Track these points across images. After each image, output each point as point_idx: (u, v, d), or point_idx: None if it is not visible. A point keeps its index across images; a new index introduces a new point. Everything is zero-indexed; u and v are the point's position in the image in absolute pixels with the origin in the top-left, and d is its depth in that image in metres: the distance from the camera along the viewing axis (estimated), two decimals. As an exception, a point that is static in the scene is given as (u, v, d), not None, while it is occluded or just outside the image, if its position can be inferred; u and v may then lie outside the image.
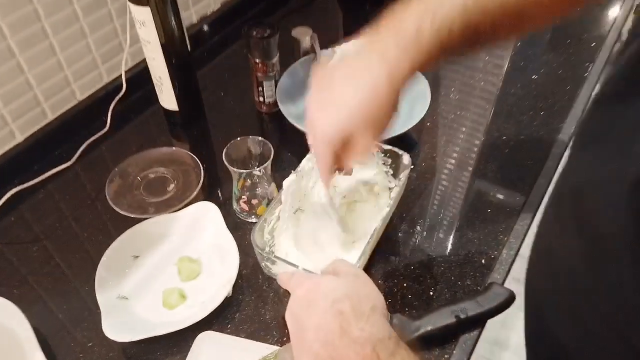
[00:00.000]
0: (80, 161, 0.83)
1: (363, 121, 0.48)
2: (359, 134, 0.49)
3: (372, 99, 0.47)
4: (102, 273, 0.64)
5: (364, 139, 0.50)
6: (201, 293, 0.65)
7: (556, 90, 0.93)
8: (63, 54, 0.82)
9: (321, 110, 0.51)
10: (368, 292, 0.46)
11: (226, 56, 1.05)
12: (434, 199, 0.77)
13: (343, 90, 0.49)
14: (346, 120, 0.48)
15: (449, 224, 0.73)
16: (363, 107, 0.48)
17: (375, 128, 0.50)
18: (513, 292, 0.62)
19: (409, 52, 0.47)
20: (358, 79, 0.48)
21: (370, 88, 0.47)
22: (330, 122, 0.49)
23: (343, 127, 0.49)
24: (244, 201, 0.72)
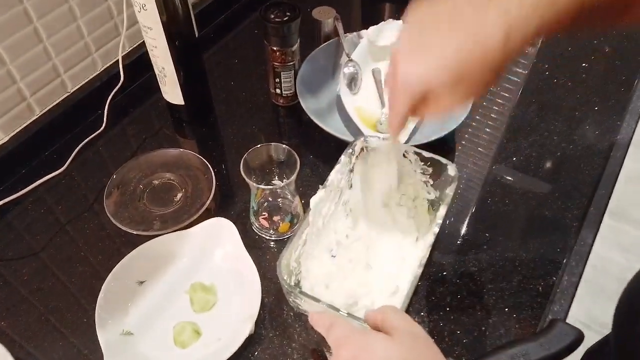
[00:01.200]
0: (74, 165, 0.72)
1: (456, 80, 0.40)
2: (447, 91, 0.41)
3: (475, 59, 0.39)
4: (101, 311, 0.55)
5: (451, 98, 0.42)
6: (218, 328, 0.56)
7: (610, 81, 0.82)
8: (50, 40, 0.71)
9: (411, 53, 0.42)
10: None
11: (235, 37, 0.93)
12: (478, 213, 0.67)
13: (443, 37, 0.40)
14: (437, 73, 0.41)
15: (497, 243, 0.64)
16: (461, 65, 0.39)
17: (468, 91, 0.41)
18: (581, 331, 0.53)
19: (540, 9, 0.37)
20: (465, 26, 0.39)
21: (478, 42, 0.38)
22: (418, 70, 0.41)
23: (431, 80, 0.41)
24: (264, 217, 0.63)
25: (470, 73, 0.40)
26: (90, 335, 0.55)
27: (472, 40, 0.38)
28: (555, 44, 0.89)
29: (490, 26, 0.38)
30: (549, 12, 0.37)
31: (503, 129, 0.77)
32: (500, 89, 0.82)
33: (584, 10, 0.38)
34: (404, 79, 0.43)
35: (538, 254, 0.62)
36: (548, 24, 0.37)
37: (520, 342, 0.53)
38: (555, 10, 0.37)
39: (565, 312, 0.57)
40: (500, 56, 0.38)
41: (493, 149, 0.74)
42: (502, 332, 0.56)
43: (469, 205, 0.68)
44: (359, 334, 0.41)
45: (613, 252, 1.55)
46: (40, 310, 0.59)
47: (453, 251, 0.63)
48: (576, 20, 0.38)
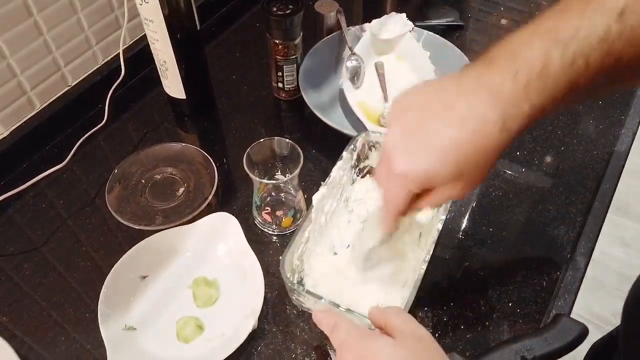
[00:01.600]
0: (75, 160, 0.72)
1: (457, 172, 0.38)
2: (447, 184, 0.40)
3: (475, 149, 0.37)
4: (105, 300, 0.55)
5: (451, 190, 0.40)
6: (221, 323, 0.56)
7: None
8: (50, 33, 0.70)
9: (405, 148, 0.40)
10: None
11: (235, 30, 0.93)
12: (482, 208, 0.67)
13: (437, 129, 0.38)
14: (436, 167, 0.38)
15: (500, 238, 0.64)
16: (461, 156, 0.38)
17: (468, 182, 0.40)
18: (586, 326, 0.53)
19: (532, 92, 0.35)
20: (458, 119, 0.37)
21: (475, 134, 0.37)
22: (416, 164, 0.39)
23: (431, 174, 0.39)
24: (266, 212, 0.63)
25: (471, 164, 0.38)
26: (92, 330, 0.55)
27: (469, 133, 0.37)
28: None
29: (483, 110, 0.36)
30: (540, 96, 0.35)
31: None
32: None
33: (579, 90, 0.36)
34: (402, 174, 0.40)
35: (542, 249, 0.62)
36: (541, 107, 0.36)
37: (525, 337, 0.53)
38: (546, 94, 0.35)
39: (570, 307, 0.57)
40: (498, 143, 0.37)
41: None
42: (505, 327, 0.56)
43: (472, 200, 0.68)
44: (363, 337, 0.41)
45: (613, 247, 1.55)
46: (42, 306, 0.59)
47: (456, 246, 0.63)
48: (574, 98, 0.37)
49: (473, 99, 0.37)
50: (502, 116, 0.36)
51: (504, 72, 0.36)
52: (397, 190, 0.42)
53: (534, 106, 0.36)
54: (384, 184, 0.44)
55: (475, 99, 0.37)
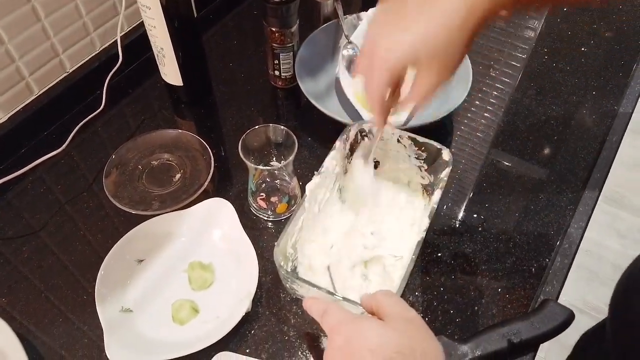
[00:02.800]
0: (73, 145, 0.73)
1: (432, 52, 0.43)
2: (424, 66, 0.44)
3: (445, 31, 0.42)
4: (101, 287, 0.56)
5: (428, 74, 0.44)
6: (215, 306, 0.57)
7: (609, 66, 0.82)
8: (48, 19, 0.70)
9: (386, 33, 0.45)
10: (425, 347, 0.39)
11: (232, 18, 0.93)
12: (475, 196, 0.68)
13: (414, 17, 0.43)
14: (413, 46, 0.43)
15: (492, 224, 0.65)
16: (434, 37, 0.43)
17: (442, 64, 0.44)
18: (572, 311, 0.54)
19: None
20: (432, 6, 0.43)
21: (445, 18, 0.42)
22: (395, 45, 0.44)
23: (408, 52, 0.43)
24: (261, 198, 0.63)
25: (442, 44, 0.43)
26: (90, 312, 0.56)
27: (440, 16, 0.42)
28: (555, 29, 0.88)
29: (453, 3, 0.42)
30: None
31: (501, 113, 0.77)
32: (500, 73, 0.82)
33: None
34: (383, 53, 0.44)
35: (532, 237, 0.63)
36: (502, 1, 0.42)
37: (512, 321, 0.54)
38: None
39: (557, 293, 0.58)
40: (465, 26, 0.42)
41: (490, 132, 0.75)
42: (494, 312, 0.57)
43: (465, 188, 0.68)
44: (353, 320, 0.42)
45: (609, 238, 1.57)
46: (41, 288, 0.60)
47: (448, 233, 0.64)
48: None
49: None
50: (469, 6, 0.42)
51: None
52: (379, 75, 0.45)
53: None
54: (367, 72, 0.47)
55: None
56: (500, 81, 0.81)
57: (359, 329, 0.40)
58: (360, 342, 0.39)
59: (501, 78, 0.81)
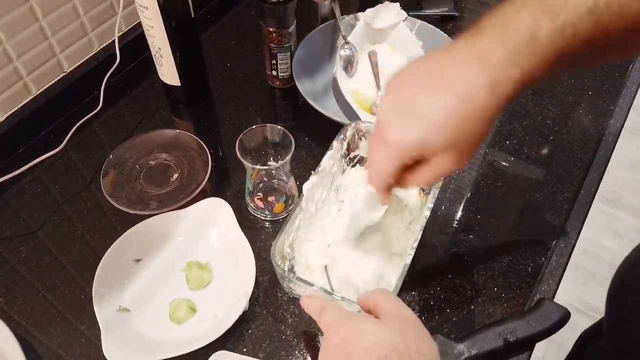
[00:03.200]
0: (71, 144, 0.73)
1: (448, 140, 0.39)
2: (439, 154, 0.40)
3: (465, 115, 0.38)
4: (99, 287, 0.56)
5: (444, 162, 0.40)
6: (213, 305, 0.57)
7: (605, 67, 0.82)
8: (46, 19, 0.71)
9: (399, 117, 0.40)
10: (419, 346, 0.39)
11: (230, 18, 0.93)
12: (471, 195, 0.68)
13: (428, 99, 0.39)
14: (428, 135, 0.39)
15: (488, 225, 0.65)
16: (452, 124, 0.38)
17: (461, 151, 0.40)
18: (568, 310, 0.54)
19: (521, 58, 0.36)
20: (449, 86, 0.38)
21: (465, 101, 0.37)
22: (408, 131, 0.39)
23: (423, 141, 0.39)
24: (259, 198, 0.64)
25: (462, 131, 0.39)
26: (87, 311, 0.56)
27: (459, 99, 0.37)
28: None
29: (473, 77, 0.37)
30: (529, 63, 0.36)
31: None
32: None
33: (566, 59, 0.37)
34: (394, 139, 0.40)
35: (528, 236, 0.63)
36: (530, 74, 0.37)
37: (508, 319, 0.54)
38: (535, 61, 0.36)
39: (553, 292, 0.58)
40: (489, 108, 0.38)
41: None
42: (490, 311, 0.57)
43: (461, 188, 0.69)
44: (349, 318, 0.42)
45: (606, 238, 1.57)
46: (38, 288, 0.60)
47: (445, 232, 0.64)
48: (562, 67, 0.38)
49: (462, 66, 0.38)
50: (491, 81, 0.37)
51: (494, 39, 0.37)
52: (388, 161, 0.42)
53: (523, 72, 0.36)
54: (376, 155, 0.43)
55: (464, 66, 0.38)
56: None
57: (354, 328, 0.41)
58: (355, 340, 0.39)
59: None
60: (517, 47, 0.36)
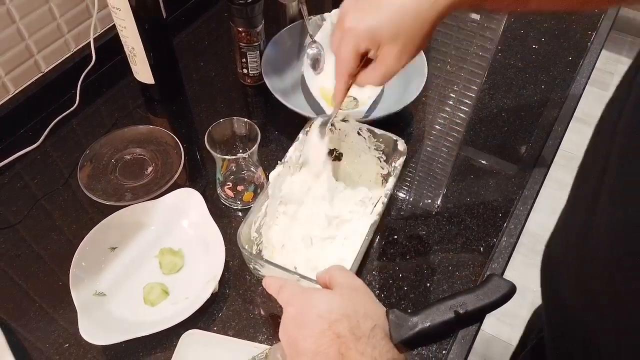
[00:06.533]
0: (49, 141, 0.76)
1: (395, 31, 0.47)
2: (388, 44, 0.48)
3: (412, 9, 0.47)
4: (76, 270, 0.59)
5: (391, 53, 0.48)
6: (185, 288, 0.61)
7: (557, 61, 0.88)
8: (23, 20, 0.74)
9: (357, 9, 0.49)
10: (367, 309, 0.43)
11: (205, 21, 0.97)
12: (430, 182, 0.72)
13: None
14: (380, 23, 0.47)
15: (445, 208, 0.69)
16: (400, 14, 0.47)
17: (405, 43, 0.48)
18: (514, 284, 0.59)
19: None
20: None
21: (412, 4, 0.47)
22: (364, 19, 0.48)
23: (375, 27, 0.48)
24: (228, 187, 0.67)
25: (408, 25, 0.47)
26: (65, 297, 0.59)
27: (409, 2, 0.47)
28: (509, 28, 0.94)
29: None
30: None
31: (457, 107, 0.82)
32: (457, 69, 0.87)
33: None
34: (351, 26, 0.49)
35: (481, 219, 0.68)
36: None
37: (459, 294, 0.58)
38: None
39: (503, 269, 0.63)
40: (431, 11, 0.47)
41: (447, 125, 0.79)
42: (445, 288, 0.62)
43: (422, 176, 0.73)
44: (304, 292, 0.46)
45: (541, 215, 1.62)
46: (18, 275, 0.63)
47: (405, 217, 0.68)
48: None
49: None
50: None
51: None
52: (347, 48, 0.50)
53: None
54: (337, 45, 0.51)
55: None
56: (458, 77, 0.86)
57: (309, 299, 0.44)
58: (310, 309, 0.43)
59: (459, 74, 0.87)
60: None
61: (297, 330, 0.42)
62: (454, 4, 0.47)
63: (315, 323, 0.42)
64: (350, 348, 0.39)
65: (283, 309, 0.46)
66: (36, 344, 0.58)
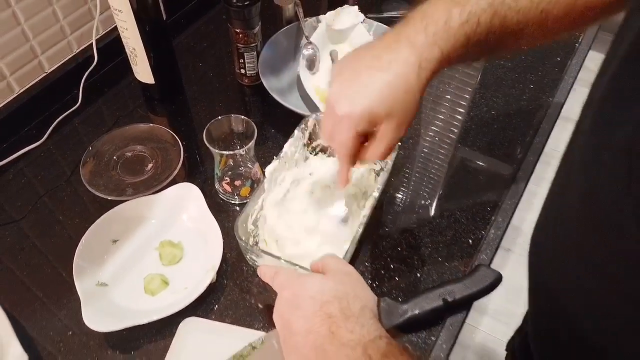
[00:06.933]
0: (52, 139, 0.78)
1: (390, 108, 0.47)
2: (384, 123, 0.48)
3: (400, 86, 0.47)
4: (79, 261, 0.61)
5: (389, 128, 0.48)
6: (184, 278, 0.63)
7: (546, 62, 0.90)
8: (28, 22, 0.76)
9: (346, 95, 0.49)
10: (357, 292, 0.45)
11: (204, 23, 0.99)
12: (420, 177, 0.75)
13: (370, 76, 0.48)
14: (373, 104, 0.47)
15: (435, 203, 0.72)
16: (391, 94, 0.47)
17: (401, 118, 0.48)
18: (500, 273, 0.61)
19: (438, 41, 0.46)
20: (386, 67, 0.47)
21: (399, 75, 0.47)
22: (357, 103, 0.48)
23: (370, 109, 0.47)
24: (226, 182, 0.70)
25: (400, 100, 0.47)
26: (68, 287, 0.62)
27: (394, 74, 0.47)
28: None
29: (404, 57, 0.47)
30: (446, 45, 0.47)
31: (449, 107, 0.84)
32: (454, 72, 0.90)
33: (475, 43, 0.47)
34: (346, 115, 0.48)
35: (471, 213, 0.70)
36: (447, 53, 0.47)
37: (448, 283, 0.61)
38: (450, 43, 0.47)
39: (490, 260, 0.65)
40: (418, 80, 0.47)
41: (440, 124, 0.82)
42: (434, 278, 0.64)
43: (414, 173, 0.76)
44: (298, 277, 0.48)
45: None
46: (23, 267, 0.66)
47: (397, 212, 0.71)
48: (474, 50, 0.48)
49: (396, 48, 0.47)
50: (419, 58, 0.46)
51: (417, 27, 0.47)
52: (344, 133, 0.49)
53: (442, 51, 0.47)
54: (332, 133, 0.50)
55: (397, 49, 0.47)
56: (445, 76, 0.89)
57: (302, 283, 0.47)
58: (303, 292, 0.46)
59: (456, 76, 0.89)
60: (436, 31, 0.46)
61: (290, 311, 0.45)
62: (437, 68, 0.48)
63: (307, 304, 0.44)
64: (340, 327, 0.41)
65: (278, 293, 0.49)
66: (41, 331, 0.60)
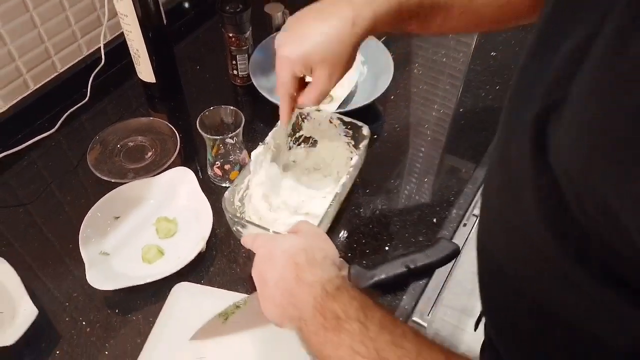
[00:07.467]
0: (62, 130, 0.87)
1: (323, 54, 0.55)
2: (318, 66, 0.56)
3: (334, 37, 0.55)
4: (85, 231, 0.69)
5: (322, 74, 0.56)
6: (178, 249, 0.71)
7: (513, 66, 0.99)
8: (43, 26, 0.85)
9: (289, 41, 0.58)
10: (323, 246, 0.53)
11: (203, 31, 1.09)
12: (395, 166, 0.83)
13: (310, 27, 0.56)
14: (308, 49, 0.55)
15: (407, 188, 0.80)
16: (325, 42, 0.55)
17: (333, 65, 0.56)
18: (458, 245, 0.69)
19: (373, 4, 0.55)
20: (325, 19, 0.56)
21: (334, 27, 0.55)
22: (294, 48, 0.57)
23: (304, 53, 0.56)
24: (217, 167, 0.78)
25: (332, 48, 0.55)
26: (75, 255, 0.69)
27: (330, 26, 0.55)
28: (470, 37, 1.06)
29: (342, 12, 0.55)
30: (380, 8, 0.55)
31: (422, 104, 0.93)
32: (424, 69, 0.98)
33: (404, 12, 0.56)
34: (286, 56, 0.57)
35: (436, 196, 0.78)
36: (380, 17, 0.55)
37: (411, 253, 0.68)
38: (383, 7, 0.55)
39: (451, 236, 0.73)
40: (351, 34, 0.55)
41: (412, 118, 0.90)
42: (401, 250, 0.72)
43: (387, 160, 0.84)
44: (274, 237, 0.56)
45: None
46: (35, 239, 0.73)
47: (369, 194, 0.79)
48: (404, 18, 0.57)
49: (337, 5, 0.56)
50: (354, 15, 0.54)
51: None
52: (283, 73, 0.58)
53: (375, 13, 0.55)
54: (277, 69, 0.59)
55: (338, 5, 0.56)
56: (422, 77, 0.97)
57: (276, 241, 0.54)
58: (276, 248, 0.53)
59: (427, 74, 0.98)
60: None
61: (264, 264, 0.52)
62: (370, 27, 0.56)
63: (279, 257, 0.52)
64: (305, 271, 0.49)
65: (256, 252, 0.56)
66: (48, 292, 0.68)
